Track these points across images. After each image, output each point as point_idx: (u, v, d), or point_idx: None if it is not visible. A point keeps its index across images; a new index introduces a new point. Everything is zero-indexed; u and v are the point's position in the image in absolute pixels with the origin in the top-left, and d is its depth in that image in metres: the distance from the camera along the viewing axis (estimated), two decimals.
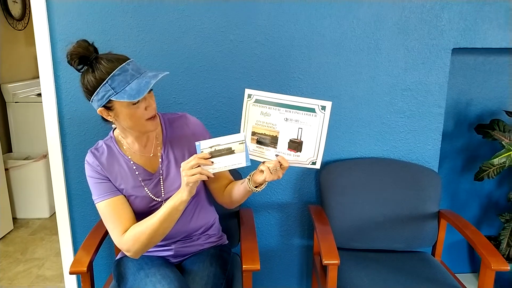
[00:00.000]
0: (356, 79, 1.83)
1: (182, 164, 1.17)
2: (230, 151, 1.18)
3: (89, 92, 1.20)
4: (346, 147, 1.90)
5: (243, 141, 1.18)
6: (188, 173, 1.15)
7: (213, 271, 1.37)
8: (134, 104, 1.19)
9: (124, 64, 1.18)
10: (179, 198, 1.21)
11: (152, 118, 1.25)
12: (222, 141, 1.18)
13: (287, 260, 2.04)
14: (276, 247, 2.02)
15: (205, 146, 1.18)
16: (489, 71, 2.07)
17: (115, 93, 1.15)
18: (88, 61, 1.19)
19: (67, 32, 1.71)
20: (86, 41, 1.21)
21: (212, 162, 1.18)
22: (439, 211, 1.80)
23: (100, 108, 1.21)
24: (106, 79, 1.16)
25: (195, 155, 1.17)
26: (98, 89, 1.17)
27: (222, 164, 1.19)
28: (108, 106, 1.21)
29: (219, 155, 1.18)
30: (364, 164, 1.87)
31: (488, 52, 2.03)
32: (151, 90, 1.25)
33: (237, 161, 1.19)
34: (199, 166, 1.16)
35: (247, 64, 1.79)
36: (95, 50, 1.22)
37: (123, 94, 1.15)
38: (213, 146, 1.18)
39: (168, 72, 1.22)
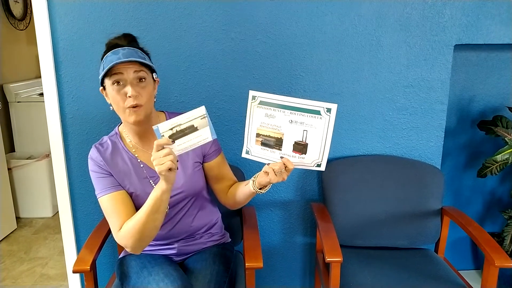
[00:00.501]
0: (358, 76, 1.82)
1: (153, 154, 1.12)
2: (193, 129, 1.13)
3: None
4: (348, 145, 1.90)
5: (205, 115, 1.13)
6: (160, 161, 1.10)
7: (216, 269, 1.37)
8: (114, 84, 1.22)
9: (119, 48, 1.24)
10: (160, 188, 1.19)
11: (134, 109, 1.23)
12: (182, 120, 1.12)
13: (289, 258, 2.04)
14: (278, 245, 2.02)
15: (164, 128, 1.12)
16: (491, 67, 2.06)
17: (102, 72, 1.23)
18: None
19: (69, 31, 1.71)
20: (126, 34, 1.30)
21: (173, 142, 1.12)
22: (442, 208, 1.80)
23: (100, 87, 1.29)
24: (102, 60, 1.25)
25: (156, 142, 1.11)
26: (100, 69, 1.26)
27: (187, 144, 1.14)
28: (104, 86, 1.28)
29: (182, 135, 1.13)
30: (366, 161, 1.87)
31: (490, 48, 2.02)
32: (143, 80, 1.24)
33: (202, 137, 1.14)
34: (170, 154, 1.11)
35: (249, 62, 1.78)
36: (130, 41, 1.29)
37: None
38: (173, 127, 1.12)
39: (148, 62, 1.25)
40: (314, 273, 2.00)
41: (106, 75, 1.23)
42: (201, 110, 1.13)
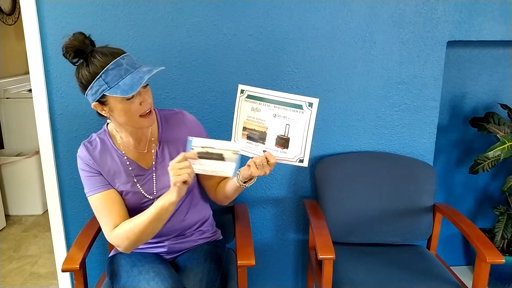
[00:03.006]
0: (350, 72, 1.81)
1: (171, 163, 1.14)
2: (220, 157, 1.16)
3: (84, 86, 1.19)
4: (341, 141, 1.89)
5: (237, 152, 1.16)
6: (177, 172, 1.13)
7: (207, 267, 1.36)
8: (128, 99, 1.17)
9: (118, 58, 1.16)
10: (168, 199, 1.19)
11: (148, 114, 1.23)
12: (216, 145, 1.15)
13: (282, 255, 2.03)
14: (271, 242, 2.01)
15: (197, 144, 1.15)
16: (484, 64, 2.06)
17: (108, 88, 1.14)
18: (83, 55, 1.18)
19: (57, 26, 1.68)
20: (82, 33, 1.19)
21: (197, 157, 1.16)
22: (434, 204, 1.80)
23: (94, 103, 1.21)
24: (100, 74, 1.15)
25: (183, 153, 1.15)
26: (92, 83, 1.16)
27: (208, 168, 1.17)
28: (102, 101, 1.19)
29: (209, 158, 1.16)
30: (359, 158, 1.86)
31: (482, 45, 2.02)
32: (147, 85, 1.23)
33: (224, 169, 1.17)
34: (189, 167, 1.14)
35: (241, 58, 1.77)
36: (92, 43, 1.21)
37: (116, 89, 1.13)
38: (205, 147, 1.15)
39: (163, 67, 1.20)
40: (307, 270, 2.00)
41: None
42: (237, 145, 1.19)
